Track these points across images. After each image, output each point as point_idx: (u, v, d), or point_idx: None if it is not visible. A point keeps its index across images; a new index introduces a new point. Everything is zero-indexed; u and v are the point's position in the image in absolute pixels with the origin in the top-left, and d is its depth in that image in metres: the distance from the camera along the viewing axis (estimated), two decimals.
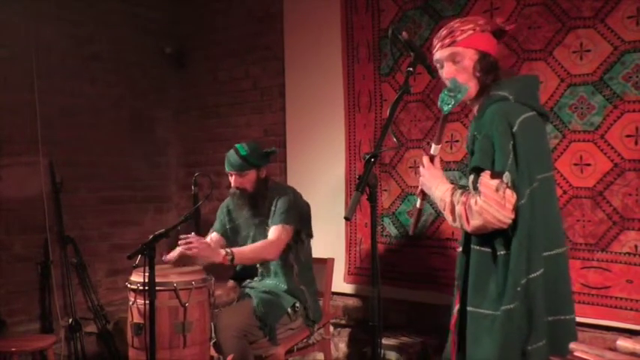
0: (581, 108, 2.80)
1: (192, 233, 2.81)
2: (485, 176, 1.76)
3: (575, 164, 2.82)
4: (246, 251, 2.92)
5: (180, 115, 4.73)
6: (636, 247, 2.65)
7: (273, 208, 3.03)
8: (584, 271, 2.77)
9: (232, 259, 2.80)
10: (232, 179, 3.09)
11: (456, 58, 1.88)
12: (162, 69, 4.66)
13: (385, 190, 3.52)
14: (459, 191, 1.85)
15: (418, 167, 2.02)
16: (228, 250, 2.82)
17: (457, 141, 3.21)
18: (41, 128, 3.91)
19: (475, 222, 1.76)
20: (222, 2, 4.43)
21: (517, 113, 1.78)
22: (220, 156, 3.45)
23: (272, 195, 3.08)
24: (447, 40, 1.89)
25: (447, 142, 3.22)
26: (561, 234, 1.90)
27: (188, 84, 4.66)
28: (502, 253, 1.78)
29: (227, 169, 3.09)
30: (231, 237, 3.23)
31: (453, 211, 1.83)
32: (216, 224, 3.28)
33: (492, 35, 1.92)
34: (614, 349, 1.49)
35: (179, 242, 2.76)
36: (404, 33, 1.98)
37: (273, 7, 4.10)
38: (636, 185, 2.65)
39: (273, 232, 2.95)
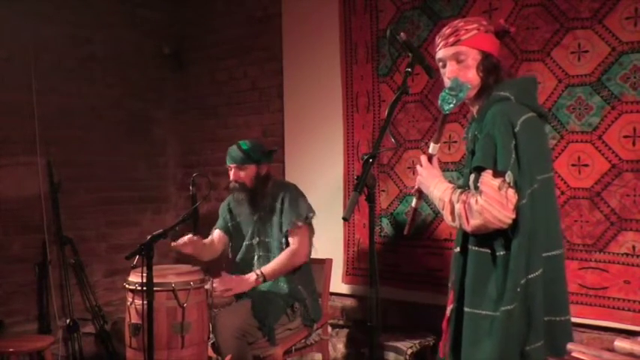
0: (579, 109, 2.80)
1: (220, 276, 2.93)
2: (486, 175, 1.75)
3: (573, 165, 2.82)
4: (275, 268, 3.00)
5: (178, 116, 4.73)
6: (634, 247, 2.65)
7: (279, 206, 3.05)
8: (581, 271, 2.77)
9: (264, 280, 2.96)
10: (232, 173, 3.10)
11: (459, 57, 1.87)
12: (161, 69, 4.66)
13: (383, 191, 3.52)
14: (459, 190, 1.84)
15: (416, 167, 2.01)
16: (259, 272, 2.96)
17: (455, 142, 3.22)
18: (39, 128, 3.90)
19: (475, 221, 1.75)
20: (221, 3, 4.43)
21: (519, 113, 1.78)
22: (219, 156, 3.45)
23: (275, 192, 3.10)
24: (451, 39, 1.88)
25: (445, 142, 3.23)
26: (559, 236, 1.89)
27: (186, 84, 4.66)
28: (501, 253, 1.77)
29: (227, 162, 3.12)
30: (234, 234, 3.24)
31: (452, 211, 1.82)
32: (219, 221, 3.31)
33: (495, 36, 1.92)
34: (611, 350, 1.49)
35: (216, 290, 2.87)
36: (402, 34, 1.98)
37: (271, 7, 4.10)
38: (634, 186, 2.66)
39: (292, 236, 3.02)
